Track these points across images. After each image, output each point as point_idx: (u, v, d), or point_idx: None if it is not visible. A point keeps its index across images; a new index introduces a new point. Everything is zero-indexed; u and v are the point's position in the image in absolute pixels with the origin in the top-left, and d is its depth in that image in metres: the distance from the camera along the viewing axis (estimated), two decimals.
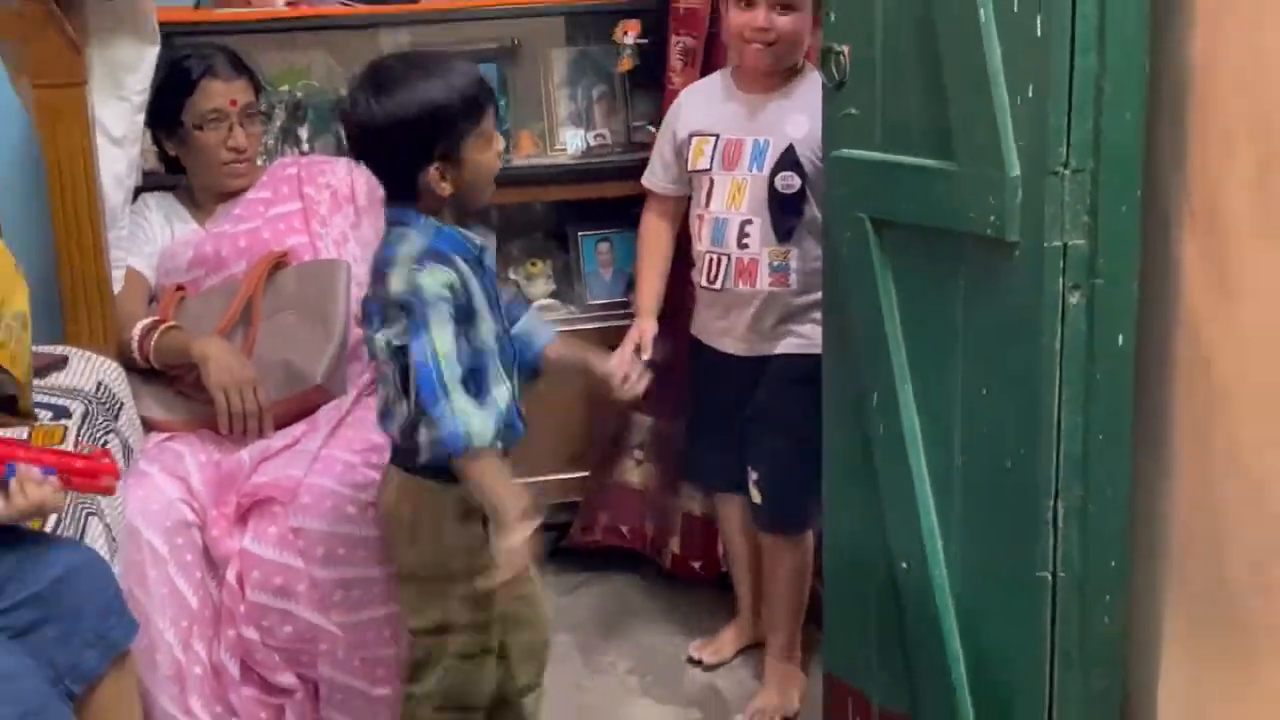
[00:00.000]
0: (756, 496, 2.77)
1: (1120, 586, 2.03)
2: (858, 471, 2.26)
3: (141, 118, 2.70)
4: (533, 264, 3.43)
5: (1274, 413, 1.84)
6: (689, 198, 2.84)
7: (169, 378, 2.70)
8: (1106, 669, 2.03)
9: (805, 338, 2.68)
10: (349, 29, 3.27)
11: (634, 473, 3.33)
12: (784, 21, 2.62)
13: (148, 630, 2.39)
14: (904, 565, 2.20)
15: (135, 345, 2.67)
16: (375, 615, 2.46)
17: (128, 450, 2.53)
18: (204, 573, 2.52)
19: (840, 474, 2.32)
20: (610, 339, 2.94)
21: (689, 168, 2.77)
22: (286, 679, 2.50)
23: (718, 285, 2.72)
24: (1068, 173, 1.88)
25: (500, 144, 2.25)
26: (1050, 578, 1.99)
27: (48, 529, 2.01)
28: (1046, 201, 1.88)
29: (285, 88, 3.28)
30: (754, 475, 2.76)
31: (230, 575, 2.49)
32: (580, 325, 3.25)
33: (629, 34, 3.24)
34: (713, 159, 2.73)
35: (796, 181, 2.65)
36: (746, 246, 2.68)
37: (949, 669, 2.15)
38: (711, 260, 2.73)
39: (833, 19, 2.19)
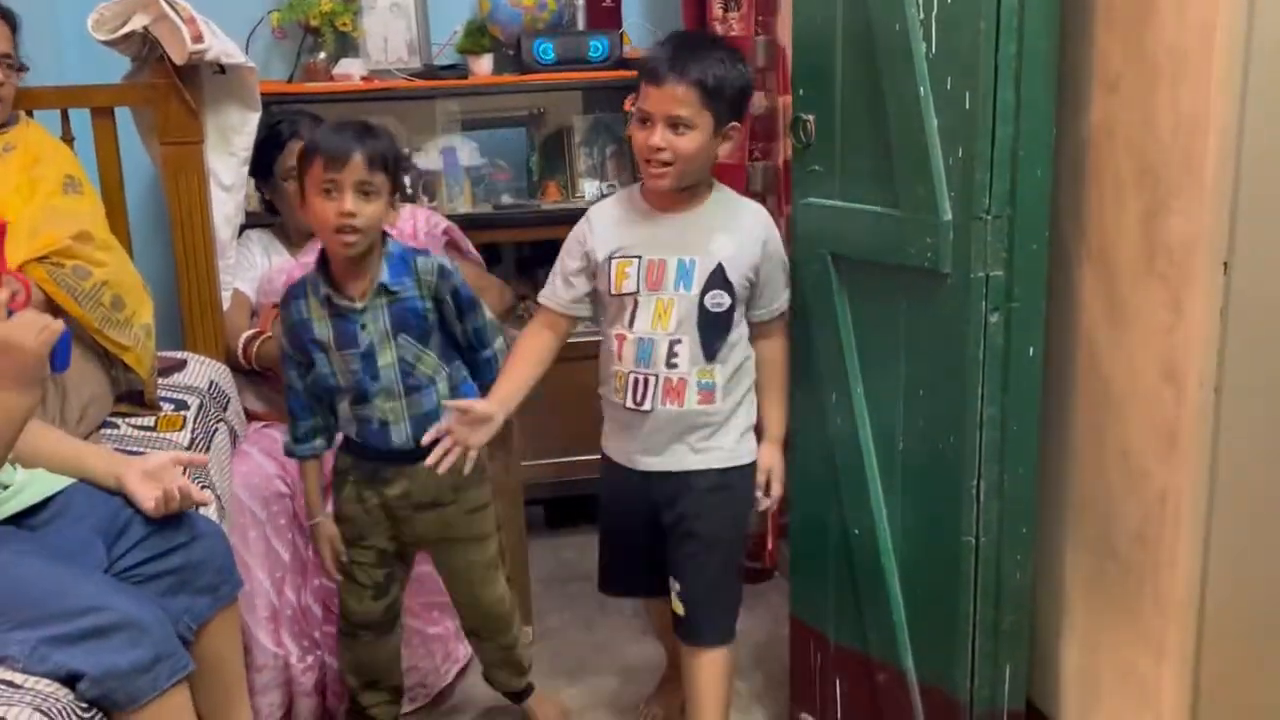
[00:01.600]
0: (679, 609, 2.22)
1: (1029, 547, 2.02)
2: (819, 457, 2.25)
3: (246, 170, 2.69)
4: None
5: (1154, 418, 1.84)
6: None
7: (268, 378, 2.69)
8: (1017, 612, 2.03)
9: (726, 449, 2.17)
10: (411, 99, 3.27)
11: None
12: (681, 142, 2.02)
13: (249, 579, 2.38)
14: (856, 531, 2.19)
15: (240, 352, 2.66)
16: (428, 569, 2.46)
17: (234, 435, 2.52)
18: (295, 533, 2.51)
19: (806, 459, 2.32)
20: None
21: (612, 290, 2.13)
22: None
23: (645, 406, 2.12)
24: (990, 218, 1.87)
25: (342, 204, 2.04)
26: (973, 540, 1.99)
27: None
28: (973, 241, 1.88)
29: None
30: (676, 587, 2.22)
31: None
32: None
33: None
34: (638, 280, 2.11)
35: (726, 300, 2.09)
36: (675, 366, 2.10)
37: (892, 612, 2.14)
38: (636, 380, 2.12)
39: (801, 93, 2.17)
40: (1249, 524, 1.79)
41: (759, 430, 2.24)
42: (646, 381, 2.13)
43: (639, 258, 2.12)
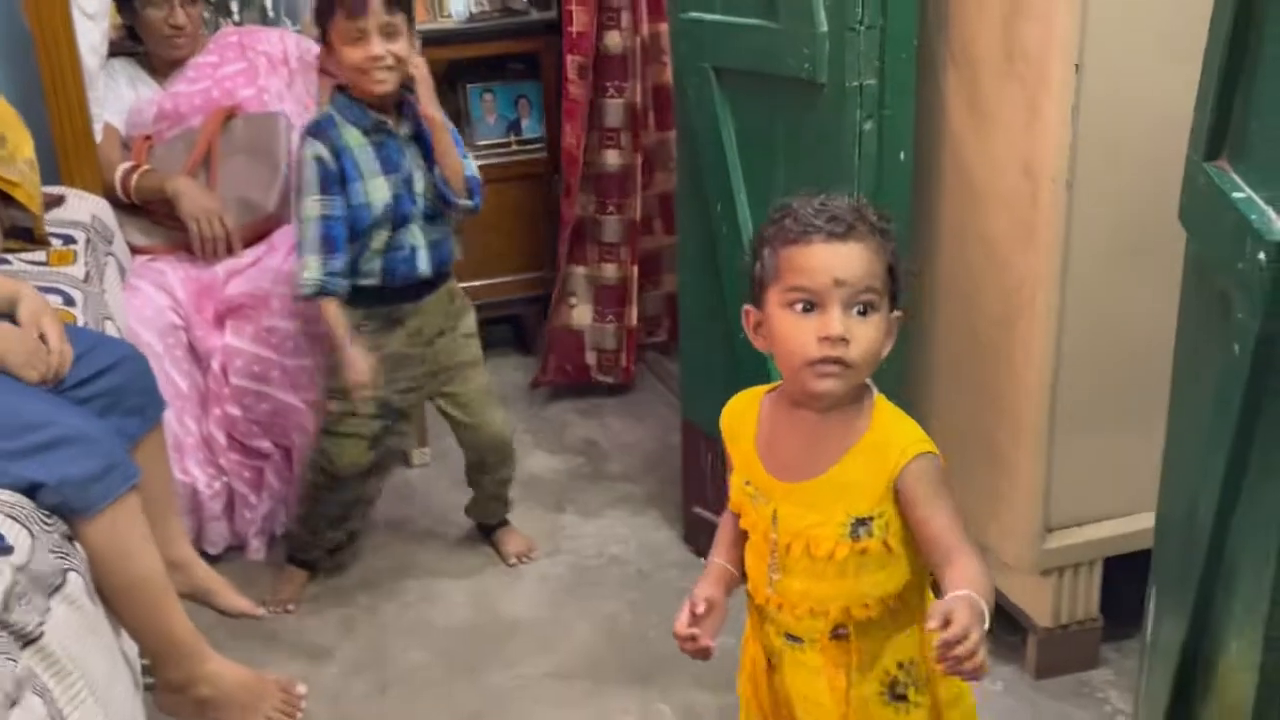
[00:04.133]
0: None
1: (900, 338, 2.26)
2: (704, 263, 2.44)
3: None
4: None
5: (1014, 211, 2.06)
6: None
7: (148, 211, 2.76)
8: (892, 398, 2.27)
9: None
10: None
11: (571, 316, 3.30)
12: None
13: None
14: (740, 335, 2.41)
15: (119, 185, 2.71)
16: None
17: (122, 270, 2.61)
18: (190, 365, 2.64)
19: (690, 265, 2.50)
20: (494, 174, 3.12)
21: None
22: (264, 445, 2.66)
23: None
24: (862, 29, 2.03)
25: (373, 49, 2.24)
26: None
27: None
28: (846, 51, 2.04)
29: None
30: None
31: (215, 365, 2.62)
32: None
33: None
34: None
35: None
36: None
37: None
38: None
39: None
40: (1097, 310, 2.05)
41: None
42: None
43: None
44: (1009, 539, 2.21)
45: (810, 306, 1.40)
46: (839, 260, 1.39)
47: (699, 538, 2.67)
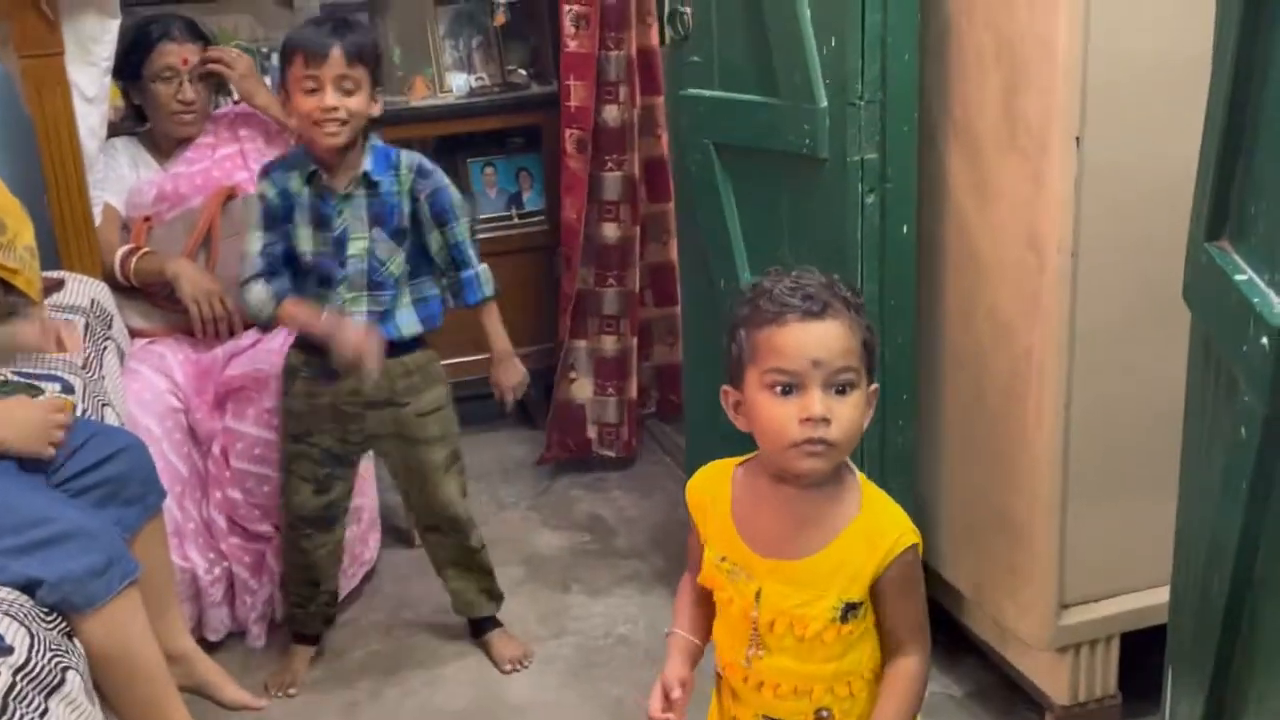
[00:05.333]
0: None
1: (910, 413, 2.27)
2: (710, 337, 2.46)
3: (108, 80, 2.74)
4: None
5: (1020, 282, 2.09)
6: None
7: (147, 293, 2.79)
8: (901, 476, 2.29)
9: None
10: None
11: (573, 391, 3.34)
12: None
13: None
14: None
15: (118, 268, 2.74)
16: None
17: (121, 354, 2.63)
18: (190, 448, 2.66)
19: (695, 340, 2.52)
20: (496, 247, 3.18)
21: None
22: (265, 528, 2.67)
23: None
24: (863, 104, 2.08)
25: (326, 99, 2.23)
26: None
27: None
28: (848, 126, 2.08)
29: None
30: None
31: (215, 449, 2.64)
32: None
33: None
34: None
35: None
36: None
37: None
38: None
39: None
40: (1106, 378, 2.07)
41: None
42: None
43: None
44: (1025, 616, 2.21)
45: (790, 389, 1.42)
46: (815, 340, 1.41)
47: None
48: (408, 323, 2.42)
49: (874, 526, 1.48)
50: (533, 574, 2.91)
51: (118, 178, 2.86)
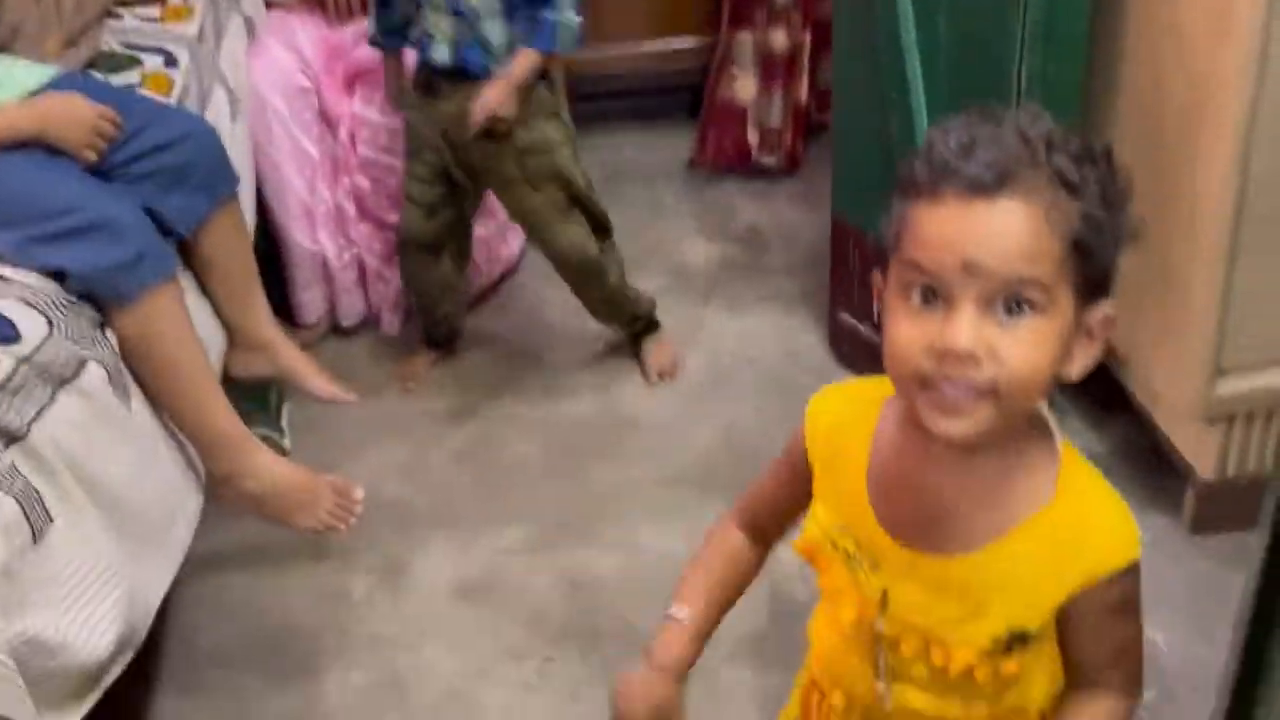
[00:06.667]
0: None
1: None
2: (862, 57, 2.24)
3: None
4: None
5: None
6: None
7: None
8: None
9: None
10: None
11: (734, 89, 3.11)
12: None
13: (278, 176, 2.53)
14: (894, 128, 2.21)
15: None
16: None
17: (250, 25, 2.58)
18: (321, 129, 2.62)
19: (847, 60, 2.29)
20: None
21: None
22: (394, 218, 2.61)
23: None
24: None
25: None
26: None
27: (174, 94, 2.10)
28: None
29: None
30: None
31: (343, 134, 2.60)
32: None
33: None
34: None
35: None
36: None
37: None
38: None
39: None
40: None
41: None
42: None
43: None
44: (1177, 380, 2.00)
45: (931, 297, 0.93)
46: (977, 230, 0.90)
47: (841, 344, 2.54)
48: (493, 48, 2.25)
49: (1074, 525, 1.00)
50: (675, 283, 2.81)
51: None
